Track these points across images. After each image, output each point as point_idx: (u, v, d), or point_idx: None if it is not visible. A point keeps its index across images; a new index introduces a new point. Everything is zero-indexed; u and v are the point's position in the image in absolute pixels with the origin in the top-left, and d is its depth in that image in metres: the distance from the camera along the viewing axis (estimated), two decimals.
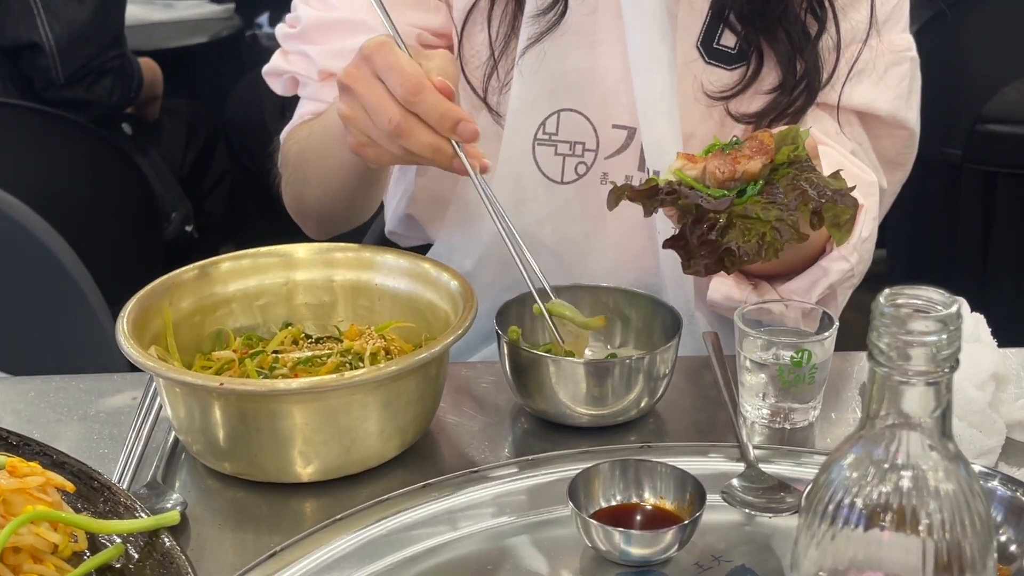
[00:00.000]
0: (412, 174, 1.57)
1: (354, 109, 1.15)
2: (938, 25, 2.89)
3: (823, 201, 1.08)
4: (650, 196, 1.11)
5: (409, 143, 1.12)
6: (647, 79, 1.38)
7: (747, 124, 1.41)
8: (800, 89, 1.39)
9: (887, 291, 0.71)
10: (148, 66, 2.98)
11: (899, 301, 0.71)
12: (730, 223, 1.09)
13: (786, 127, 1.14)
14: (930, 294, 0.71)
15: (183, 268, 1.24)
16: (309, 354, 1.19)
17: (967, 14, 2.93)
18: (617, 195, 1.12)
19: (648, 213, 1.13)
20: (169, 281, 1.22)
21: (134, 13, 3.21)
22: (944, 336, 0.69)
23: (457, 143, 1.14)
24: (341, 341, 1.23)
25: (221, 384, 1.06)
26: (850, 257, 1.33)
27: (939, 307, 0.70)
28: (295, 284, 1.28)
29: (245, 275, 1.27)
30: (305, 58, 1.44)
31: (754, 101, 1.41)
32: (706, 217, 1.09)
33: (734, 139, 1.14)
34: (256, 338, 1.25)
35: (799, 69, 1.39)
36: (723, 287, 1.37)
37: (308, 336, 1.26)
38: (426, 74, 1.13)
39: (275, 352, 1.21)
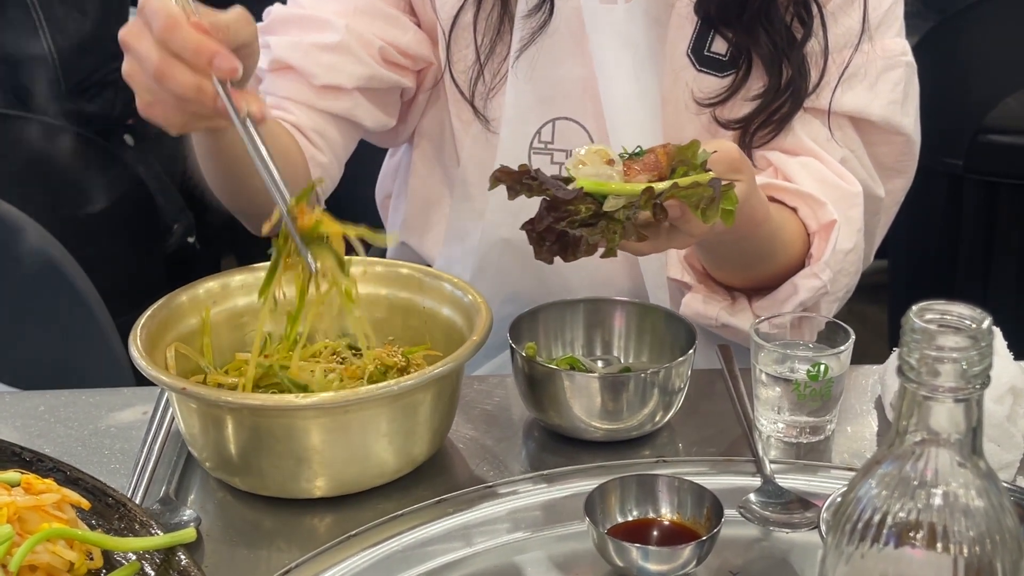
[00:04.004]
0: (404, 204, 1.57)
1: (131, 64, 1.10)
2: (940, 35, 2.89)
3: (662, 195, 1.06)
4: (517, 179, 1.09)
5: (172, 85, 1.06)
6: (608, 87, 1.38)
7: (734, 130, 1.40)
8: (786, 95, 1.38)
9: (917, 306, 0.70)
10: None
11: (929, 316, 0.70)
12: (595, 221, 1.07)
13: (688, 144, 1.11)
14: (961, 309, 0.70)
15: (225, 271, 1.25)
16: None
17: (969, 24, 2.93)
18: (493, 178, 1.10)
19: (512, 196, 1.11)
20: (196, 288, 1.22)
21: None
22: (974, 352, 0.68)
23: (223, 84, 1.07)
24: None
25: (233, 399, 1.05)
26: (822, 274, 1.32)
27: (970, 322, 0.69)
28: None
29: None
30: (265, 49, 1.42)
31: (742, 107, 1.40)
32: (561, 207, 1.07)
33: (637, 148, 1.12)
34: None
35: (785, 75, 1.38)
36: (694, 303, 1.37)
37: (356, 348, 1.24)
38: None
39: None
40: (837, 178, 1.38)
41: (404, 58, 1.44)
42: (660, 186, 1.07)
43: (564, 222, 1.07)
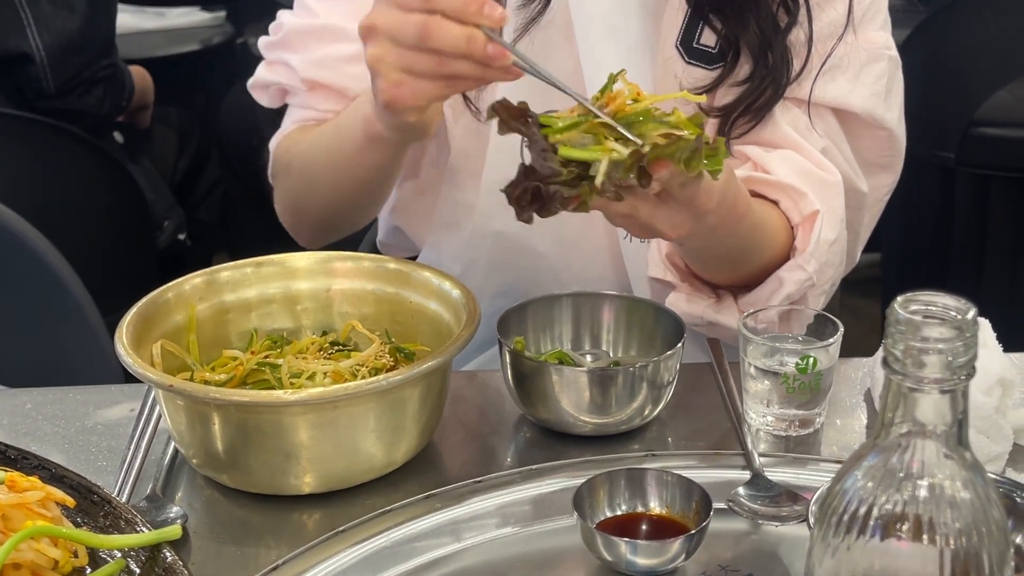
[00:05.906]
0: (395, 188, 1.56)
1: (378, 45, 1.09)
2: (932, 29, 2.89)
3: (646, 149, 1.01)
4: (514, 116, 1.05)
5: (439, 40, 1.05)
6: (595, 79, 1.37)
7: (715, 118, 1.39)
8: (767, 84, 1.37)
9: (902, 297, 0.70)
10: (139, 74, 2.97)
11: (914, 307, 0.70)
12: (576, 184, 1.02)
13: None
14: (946, 300, 0.70)
15: (217, 266, 1.25)
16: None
17: (961, 18, 2.93)
18: (490, 109, 1.06)
19: (502, 131, 1.06)
20: (182, 284, 1.22)
21: (125, 22, 3.20)
22: (959, 343, 0.68)
23: (488, 30, 1.06)
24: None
25: (220, 396, 1.05)
26: (807, 265, 1.31)
27: (954, 313, 0.69)
28: (336, 292, 1.27)
29: (287, 277, 1.27)
30: (288, 68, 1.43)
31: (725, 95, 1.39)
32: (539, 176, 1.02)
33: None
34: (283, 340, 1.24)
35: (769, 64, 1.37)
36: (678, 302, 1.35)
37: (340, 344, 1.24)
38: None
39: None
40: (816, 168, 1.36)
41: None
42: (645, 148, 1.01)
43: (546, 181, 1.02)
